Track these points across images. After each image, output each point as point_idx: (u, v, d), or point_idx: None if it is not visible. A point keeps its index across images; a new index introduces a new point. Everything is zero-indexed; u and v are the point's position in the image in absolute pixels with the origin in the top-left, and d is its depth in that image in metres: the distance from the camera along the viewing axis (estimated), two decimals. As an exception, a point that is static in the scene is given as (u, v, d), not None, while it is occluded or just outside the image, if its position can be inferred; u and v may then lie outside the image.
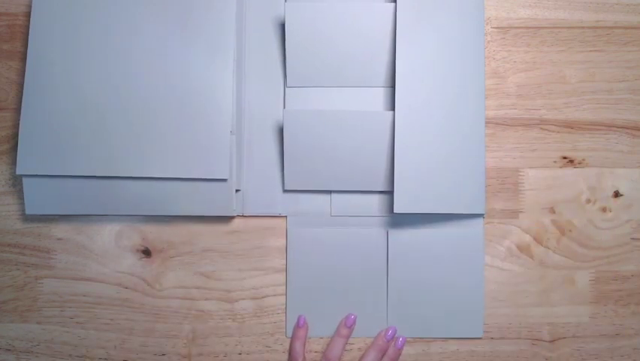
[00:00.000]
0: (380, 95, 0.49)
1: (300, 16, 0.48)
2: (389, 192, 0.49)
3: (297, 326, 0.48)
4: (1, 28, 0.51)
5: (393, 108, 0.47)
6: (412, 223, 0.49)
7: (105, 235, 0.50)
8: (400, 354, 0.48)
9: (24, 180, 0.47)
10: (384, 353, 0.48)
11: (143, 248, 0.50)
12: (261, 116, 0.50)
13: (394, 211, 0.46)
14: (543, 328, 0.49)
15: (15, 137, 0.49)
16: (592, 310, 0.50)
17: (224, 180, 0.47)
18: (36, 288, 0.49)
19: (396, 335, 0.48)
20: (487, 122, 0.50)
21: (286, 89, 0.50)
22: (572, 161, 0.50)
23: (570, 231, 0.50)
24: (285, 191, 0.49)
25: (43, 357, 0.49)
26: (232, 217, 0.50)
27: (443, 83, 0.47)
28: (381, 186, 0.48)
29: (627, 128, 0.50)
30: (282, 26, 0.49)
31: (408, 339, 0.49)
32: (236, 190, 0.48)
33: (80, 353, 0.49)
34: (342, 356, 0.48)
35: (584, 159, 0.50)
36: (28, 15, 0.50)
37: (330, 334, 0.49)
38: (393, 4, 0.48)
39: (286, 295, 0.49)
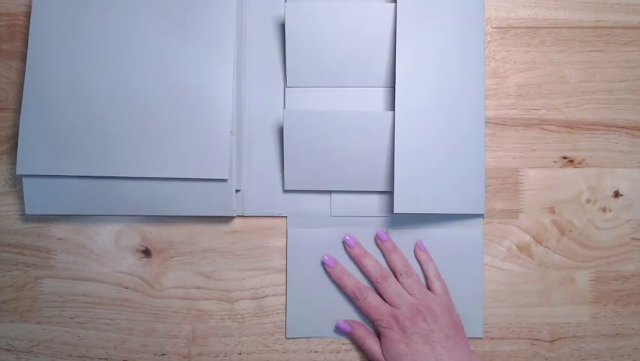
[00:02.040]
0: (380, 95, 0.49)
1: (300, 16, 0.48)
2: (389, 192, 0.49)
3: (332, 266, 0.48)
4: (1, 28, 0.51)
5: (393, 108, 0.47)
6: (412, 223, 0.49)
7: (105, 235, 0.50)
8: (392, 246, 0.49)
9: (24, 180, 0.47)
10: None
11: (143, 248, 0.50)
12: (261, 116, 0.50)
13: (394, 211, 0.46)
14: (543, 328, 0.49)
15: (15, 137, 0.49)
16: (592, 310, 0.50)
17: (224, 180, 0.47)
18: (36, 288, 0.49)
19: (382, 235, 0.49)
20: (487, 122, 0.50)
21: (286, 89, 0.50)
22: (572, 161, 0.50)
23: (570, 231, 0.50)
24: (285, 191, 0.49)
25: (43, 357, 0.49)
26: (232, 217, 0.50)
27: (443, 83, 0.47)
28: (381, 186, 0.48)
29: (627, 128, 0.50)
30: (282, 26, 0.49)
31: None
32: (236, 190, 0.48)
33: (80, 353, 0.49)
34: (382, 267, 0.48)
35: (584, 159, 0.50)
36: (28, 15, 0.50)
37: (330, 334, 0.49)
38: (393, 4, 0.48)
39: (286, 295, 0.49)
